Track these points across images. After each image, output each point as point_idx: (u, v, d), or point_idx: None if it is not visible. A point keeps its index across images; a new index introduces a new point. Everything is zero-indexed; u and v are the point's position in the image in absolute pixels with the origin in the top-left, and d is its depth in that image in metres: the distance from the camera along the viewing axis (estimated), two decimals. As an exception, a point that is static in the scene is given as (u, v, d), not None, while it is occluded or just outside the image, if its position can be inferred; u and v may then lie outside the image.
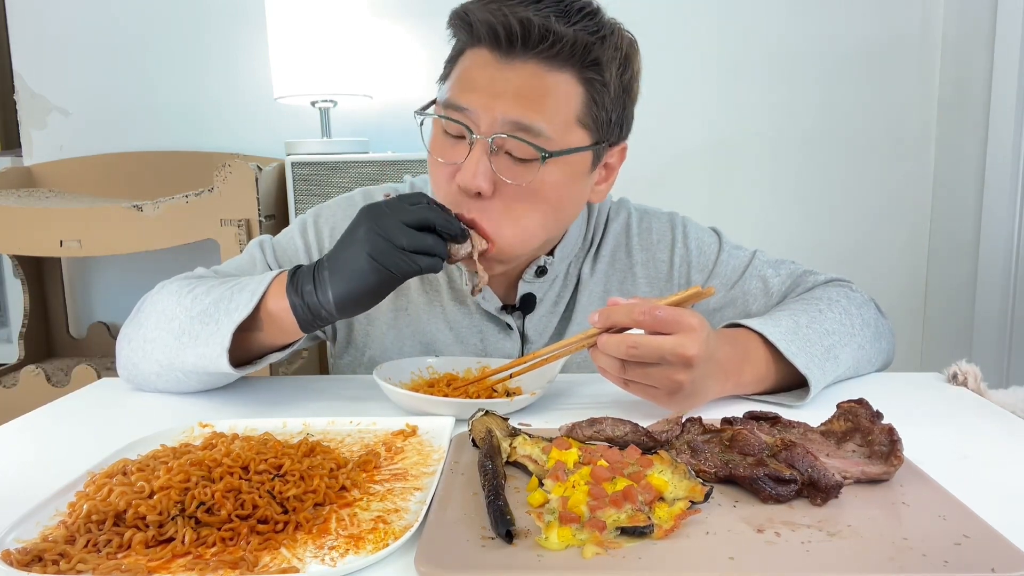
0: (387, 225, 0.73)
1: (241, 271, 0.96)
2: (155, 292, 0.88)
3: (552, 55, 0.77)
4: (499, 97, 0.78)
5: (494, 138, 0.78)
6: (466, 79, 0.80)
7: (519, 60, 0.78)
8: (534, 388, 0.80)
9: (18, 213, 1.77)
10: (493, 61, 0.78)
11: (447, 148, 0.82)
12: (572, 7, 0.78)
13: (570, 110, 0.80)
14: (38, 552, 0.47)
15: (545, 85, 0.78)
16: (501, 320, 0.96)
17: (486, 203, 0.80)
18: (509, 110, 0.77)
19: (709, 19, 2.12)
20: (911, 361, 2.23)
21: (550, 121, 0.78)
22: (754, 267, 0.99)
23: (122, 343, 0.88)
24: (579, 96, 0.80)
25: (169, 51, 2.15)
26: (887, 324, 0.97)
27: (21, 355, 2.11)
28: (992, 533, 0.48)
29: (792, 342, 0.80)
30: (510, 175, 0.79)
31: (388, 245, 0.72)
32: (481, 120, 0.78)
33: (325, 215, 1.00)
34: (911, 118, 2.15)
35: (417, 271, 0.73)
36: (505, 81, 0.78)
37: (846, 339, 0.86)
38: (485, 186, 0.78)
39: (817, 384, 0.80)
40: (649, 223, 1.02)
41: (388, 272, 0.72)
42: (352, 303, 0.74)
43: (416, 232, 0.73)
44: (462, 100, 0.79)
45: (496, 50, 0.78)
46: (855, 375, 0.90)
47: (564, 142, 0.80)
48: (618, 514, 0.50)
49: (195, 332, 0.79)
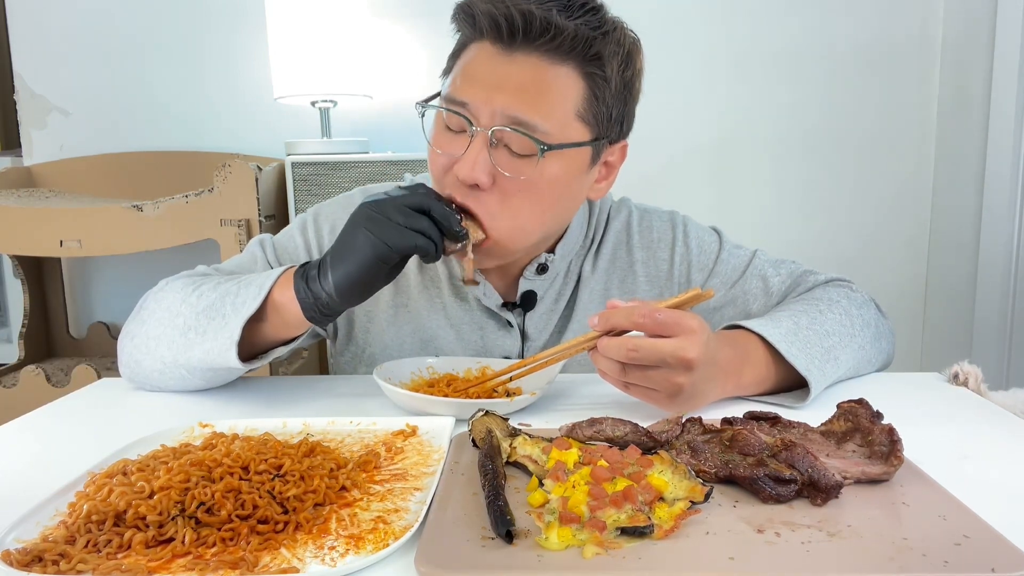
0: (384, 205, 0.75)
1: (242, 269, 0.96)
2: (158, 289, 0.88)
3: (553, 48, 0.78)
4: (499, 90, 0.78)
5: (493, 131, 0.79)
6: (468, 72, 0.81)
7: (520, 53, 0.78)
8: (534, 388, 0.80)
9: (18, 213, 1.77)
10: (495, 54, 0.79)
11: (447, 140, 0.83)
12: (575, 2, 0.78)
13: (570, 104, 0.80)
14: (38, 552, 0.47)
15: (546, 78, 0.79)
16: (502, 317, 0.96)
17: (483, 195, 0.81)
18: (509, 104, 0.78)
19: (709, 20, 2.12)
20: (911, 361, 2.23)
21: (549, 115, 0.79)
22: (754, 266, 0.99)
23: (124, 340, 0.88)
24: (580, 90, 0.80)
25: (169, 51, 2.15)
26: (887, 324, 0.97)
27: (21, 355, 2.11)
28: (992, 533, 0.48)
29: (792, 344, 0.80)
30: (509, 168, 0.80)
31: (384, 219, 0.74)
32: (481, 113, 0.79)
33: (325, 213, 1.00)
34: (911, 118, 2.15)
35: (412, 248, 0.74)
36: (506, 74, 0.79)
37: (846, 340, 0.86)
38: (483, 178, 0.79)
39: (817, 386, 0.79)
40: (650, 222, 1.02)
41: (384, 245, 0.73)
42: (351, 285, 0.75)
43: (412, 212, 0.75)
44: (463, 94, 0.80)
45: (498, 42, 0.79)
46: (855, 375, 0.90)
47: (563, 136, 0.80)
48: (618, 514, 0.50)
49: (202, 327, 0.79)
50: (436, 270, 0.98)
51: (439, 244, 0.76)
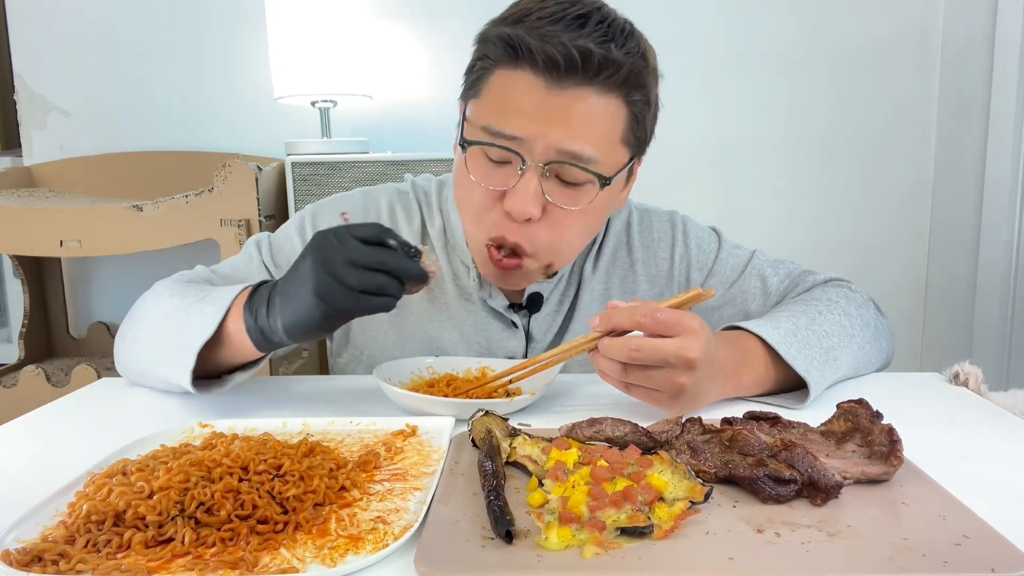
0: (335, 261, 0.67)
1: (237, 271, 0.96)
2: (149, 292, 0.89)
3: (603, 80, 0.77)
4: (551, 123, 0.77)
5: (549, 165, 0.78)
6: (515, 106, 0.78)
7: (571, 87, 0.77)
8: (534, 388, 0.80)
9: (18, 213, 1.77)
10: (541, 85, 0.77)
11: (490, 173, 0.81)
12: (615, 29, 0.77)
13: (617, 132, 0.81)
14: (38, 552, 0.47)
15: (594, 110, 0.78)
16: (507, 318, 0.96)
17: (533, 227, 0.81)
18: (562, 138, 0.77)
19: (709, 20, 2.12)
20: (911, 361, 2.23)
21: (600, 146, 0.79)
22: (753, 266, 0.99)
23: (118, 339, 0.90)
24: (624, 117, 0.81)
25: (169, 51, 2.15)
26: (887, 324, 0.97)
27: (21, 355, 2.11)
28: (992, 533, 0.48)
29: (792, 345, 0.80)
30: (561, 200, 0.80)
31: (335, 283, 0.66)
32: (535, 148, 0.78)
33: (322, 213, 1.00)
34: (911, 118, 2.15)
35: (367, 311, 0.69)
36: (556, 108, 0.77)
37: (845, 340, 0.86)
38: (537, 212, 0.79)
39: (817, 387, 0.79)
40: (650, 222, 1.02)
41: (333, 311, 0.67)
42: (302, 334, 0.70)
43: (366, 272, 0.67)
44: (512, 128, 0.78)
45: (547, 76, 0.77)
46: (855, 375, 0.90)
47: (611, 162, 0.81)
48: (618, 514, 0.49)
49: (166, 347, 0.78)
50: (439, 270, 0.97)
51: (399, 297, 0.70)
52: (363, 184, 1.86)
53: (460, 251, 0.96)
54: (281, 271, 0.95)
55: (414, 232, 0.99)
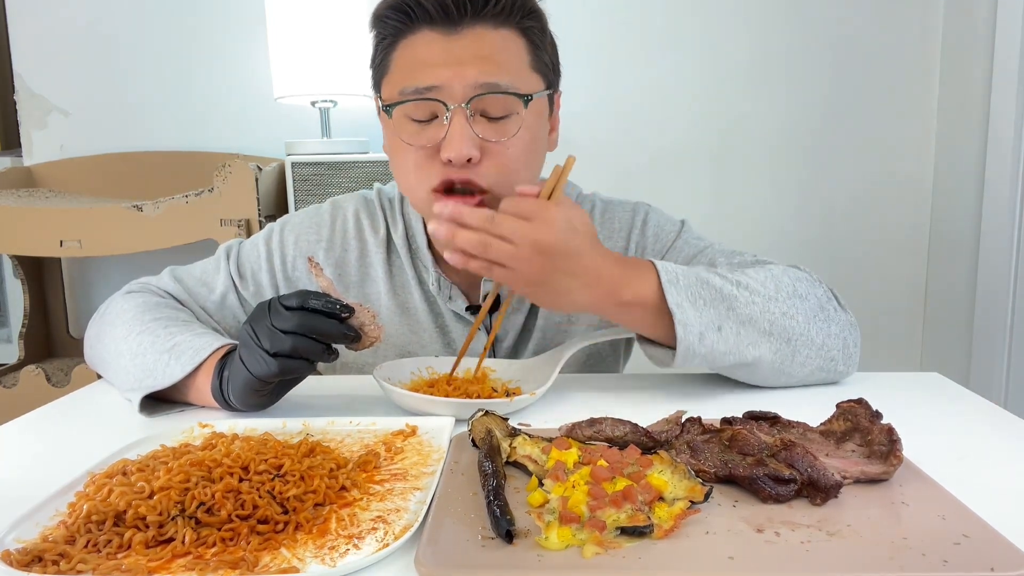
0: (259, 329, 0.71)
1: (206, 279, 0.99)
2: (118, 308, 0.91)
3: (495, 13, 0.82)
4: (462, 65, 0.81)
5: (473, 101, 0.81)
6: (419, 61, 0.82)
7: (466, 28, 0.81)
8: (534, 388, 0.80)
9: (18, 213, 1.77)
10: (440, 37, 0.82)
11: (420, 132, 0.84)
12: None
13: (523, 59, 0.85)
14: (38, 552, 0.47)
15: (497, 43, 0.82)
16: (469, 320, 0.98)
17: (478, 168, 0.83)
18: (477, 74, 0.80)
19: (709, 19, 2.12)
20: (911, 361, 2.22)
21: (513, 74, 0.83)
22: (705, 254, 0.96)
23: (87, 343, 0.96)
24: (524, 45, 0.85)
25: (169, 51, 2.15)
26: (846, 316, 0.86)
27: (21, 355, 2.11)
28: (992, 533, 0.48)
29: (680, 277, 0.77)
30: (494, 134, 0.82)
31: (258, 350, 0.70)
32: (454, 90, 0.80)
33: (292, 223, 1.02)
34: (911, 118, 2.15)
35: (285, 374, 0.71)
36: (461, 49, 0.81)
37: (760, 299, 0.79)
38: (475, 152, 0.81)
39: (688, 324, 0.74)
40: (613, 213, 1.03)
41: (252, 377, 0.71)
42: (249, 404, 0.75)
43: (282, 335, 0.69)
44: (426, 80, 0.81)
45: (442, 25, 0.81)
46: (790, 355, 0.81)
47: (529, 88, 0.84)
48: (618, 514, 0.50)
49: (129, 380, 0.82)
50: (405, 276, 0.99)
51: (316, 361, 0.73)
52: (363, 184, 1.86)
53: (422, 255, 0.98)
54: (245, 281, 0.99)
55: (379, 241, 1.00)
